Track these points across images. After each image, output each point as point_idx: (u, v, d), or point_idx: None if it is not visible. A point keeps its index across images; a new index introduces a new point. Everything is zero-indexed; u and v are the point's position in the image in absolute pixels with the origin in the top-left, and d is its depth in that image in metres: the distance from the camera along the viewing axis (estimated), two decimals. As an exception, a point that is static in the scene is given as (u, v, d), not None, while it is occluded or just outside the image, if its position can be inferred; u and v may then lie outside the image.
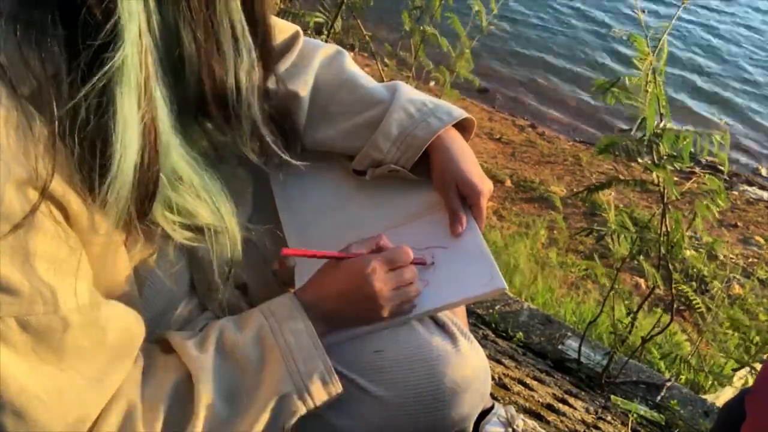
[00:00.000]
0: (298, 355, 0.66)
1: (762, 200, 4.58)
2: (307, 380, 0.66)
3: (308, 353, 0.67)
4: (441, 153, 0.87)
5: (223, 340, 0.68)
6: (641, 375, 1.85)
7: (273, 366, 0.66)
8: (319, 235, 0.90)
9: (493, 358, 1.71)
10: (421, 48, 2.31)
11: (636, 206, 3.88)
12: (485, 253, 0.81)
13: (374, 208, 0.91)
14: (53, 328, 0.52)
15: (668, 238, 1.48)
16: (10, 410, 0.51)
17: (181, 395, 0.63)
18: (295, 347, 0.67)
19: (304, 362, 0.66)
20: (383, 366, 0.74)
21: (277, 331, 0.68)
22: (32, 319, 0.50)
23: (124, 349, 0.61)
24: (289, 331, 0.68)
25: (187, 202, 0.63)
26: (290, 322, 0.69)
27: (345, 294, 0.73)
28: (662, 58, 1.30)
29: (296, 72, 0.91)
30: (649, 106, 1.28)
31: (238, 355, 0.66)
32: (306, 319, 0.69)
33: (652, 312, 2.63)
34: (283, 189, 0.95)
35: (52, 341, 0.52)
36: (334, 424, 0.73)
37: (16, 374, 0.51)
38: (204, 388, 0.62)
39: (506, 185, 4.21)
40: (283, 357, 0.66)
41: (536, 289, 2.67)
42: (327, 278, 0.75)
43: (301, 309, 0.70)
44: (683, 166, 1.33)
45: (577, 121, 5.48)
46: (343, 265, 0.74)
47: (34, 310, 0.50)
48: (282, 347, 0.67)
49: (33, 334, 0.51)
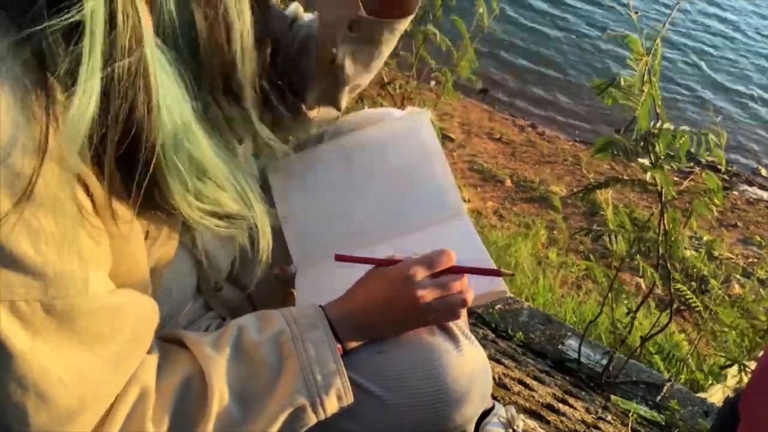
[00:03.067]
0: (316, 367, 0.66)
1: (762, 200, 4.58)
2: (323, 394, 0.66)
3: (327, 367, 0.67)
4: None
5: (241, 339, 0.67)
6: (641, 375, 1.85)
7: (290, 374, 0.65)
8: (319, 242, 0.90)
9: (493, 358, 1.71)
10: (423, 48, 2.31)
11: (635, 206, 3.88)
12: (485, 256, 0.83)
13: (378, 215, 0.91)
14: (76, 311, 0.53)
15: (667, 237, 1.48)
16: (34, 392, 0.52)
17: (193, 391, 0.63)
18: (314, 359, 0.67)
19: (322, 376, 0.66)
20: (385, 367, 0.74)
21: (298, 338, 0.67)
22: (57, 303, 0.51)
23: (140, 335, 0.61)
24: (310, 341, 0.67)
25: (213, 191, 0.63)
26: (312, 331, 0.68)
27: (386, 303, 0.72)
28: (657, 58, 1.30)
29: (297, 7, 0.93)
30: (642, 106, 1.28)
31: (256, 358, 0.66)
32: (329, 331, 0.69)
33: (653, 312, 2.63)
34: (282, 193, 0.95)
35: (75, 325, 0.53)
36: (336, 425, 0.73)
37: (40, 357, 0.51)
38: (218, 387, 0.63)
39: (506, 185, 4.21)
40: (302, 367, 0.66)
41: (536, 289, 2.67)
42: (364, 288, 0.74)
43: (324, 319, 0.70)
44: (680, 165, 1.33)
45: (577, 121, 5.47)
46: (384, 273, 0.73)
47: (59, 294, 0.51)
48: (301, 356, 0.66)
49: (57, 318, 0.52)
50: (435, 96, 3.28)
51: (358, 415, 0.73)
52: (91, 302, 0.54)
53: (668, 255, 1.51)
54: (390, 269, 0.74)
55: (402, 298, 0.72)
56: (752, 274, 3.15)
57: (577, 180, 4.42)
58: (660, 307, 2.70)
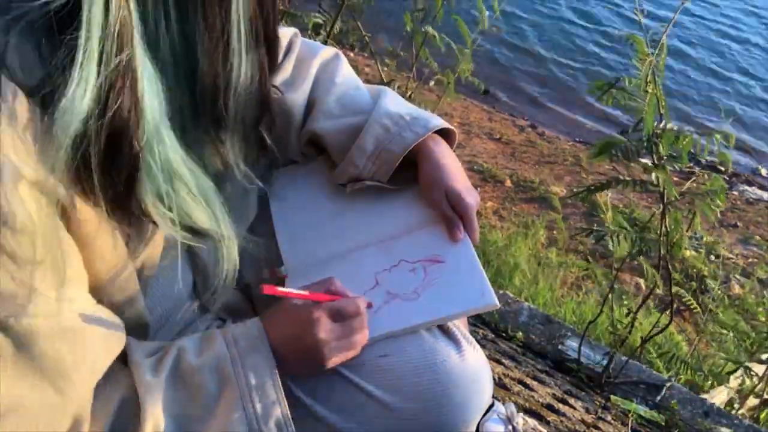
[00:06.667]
0: (256, 396, 0.64)
1: (762, 200, 4.58)
2: (262, 424, 0.64)
3: (267, 396, 0.65)
4: (427, 164, 0.86)
5: (180, 364, 0.66)
6: (641, 375, 1.85)
7: (229, 402, 0.64)
8: (313, 247, 0.90)
9: (493, 358, 1.71)
10: (423, 49, 2.31)
11: (636, 206, 3.88)
12: (477, 268, 0.82)
13: (368, 220, 0.91)
14: (34, 333, 0.52)
15: (668, 238, 1.48)
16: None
17: (126, 415, 0.61)
18: (254, 387, 0.65)
19: (262, 405, 0.64)
20: (388, 371, 0.74)
21: (238, 363, 0.66)
22: (12, 322, 0.50)
23: (98, 369, 0.60)
24: (250, 367, 0.66)
25: (183, 201, 0.63)
26: (253, 355, 0.66)
27: (289, 340, 0.70)
28: (662, 58, 1.30)
29: (293, 82, 0.92)
30: (648, 107, 1.28)
31: (194, 383, 0.64)
32: (269, 353, 0.67)
33: (652, 312, 2.63)
34: (277, 197, 0.95)
35: (33, 348, 0.52)
36: (340, 429, 0.73)
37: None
38: (151, 413, 0.61)
39: (506, 185, 4.21)
40: (241, 396, 0.64)
41: (536, 289, 2.67)
42: (277, 318, 0.72)
43: (265, 340, 0.68)
44: (682, 166, 1.33)
45: (578, 122, 5.48)
46: (292, 309, 0.72)
47: (15, 313, 0.50)
48: (240, 384, 0.65)
49: (13, 338, 0.51)
50: (435, 96, 3.28)
51: (362, 419, 0.73)
52: (48, 324, 0.52)
53: (669, 255, 1.51)
54: (297, 308, 0.72)
55: (304, 339, 0.70)
56: (752, 274, 3.16)
57: (577, 180, 4.43)
58: (660, 307, 2.70)
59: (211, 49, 0.60)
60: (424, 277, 0.82)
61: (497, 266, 2.86)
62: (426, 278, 0.82)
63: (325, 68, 0.96)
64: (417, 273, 0.83)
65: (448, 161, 0.87)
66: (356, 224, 0.91)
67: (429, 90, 3.95)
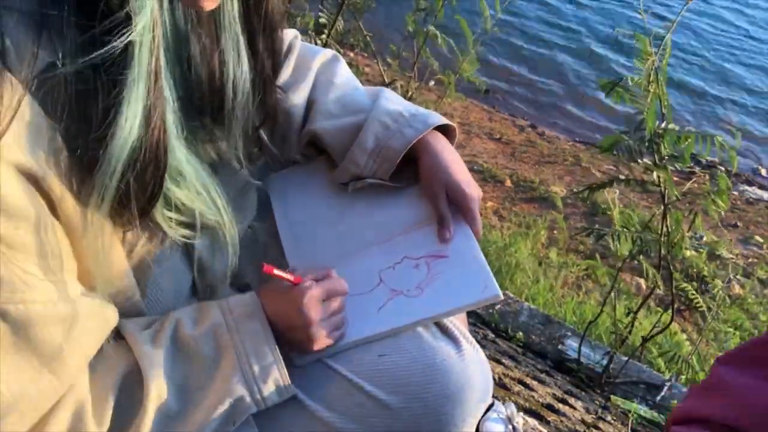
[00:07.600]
0: (253, 359, 0.67)
1: (762, 200, 4.58)
2: (261, 384, 0.67)
3: (264, 359, 0.67)
4: (427, 158, 0.87)
5: (178, 334, 0.68)
6: (641, 375, 1.85)
7: (227, 366, 0.66)
8: (315, 244, 0.90)
9: (493, 358, 1.71)
10: (424, 49, 2.31)
11: (636, 206, 3.88)
12: (480, 261, 0.82)
13: (371, 218, 0.91)
14: (31, 319, 0.53)
15: (669, 238, 1.48)
16: None
17: (129, 386, 0.63)
18: (251, 350, 0.67)
19: (259, 366, 0.67)
20: (388, 370, 0.74)
21: (234, 330, 0.68)
22: (11, 308, 0.51)
23: (91, 351, 0.62)
24: (246, 332, 0.68)
25: (185, 198, 0.64)
26: (248, 322, 0.69)
27: (281, 314, 0.72)
28: (665, 57, 1.30)
29: (294, 82, 0.92)
30: (651, 106, 1.28)
31: (192, 351, 0.67)
32: (264, 321, 0.69)
33: (653, 312, 2.63)
34: (280, 197, 0.95)
35: (30, 333, 0.53)
36: (339, 428, 0.73)
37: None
38: (154, 382, 0.63)
39: (506, 185, 4.21)
40: (238, 359, 0.66)
41: (537, 289, 2.67)
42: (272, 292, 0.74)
43: (260, 309, 0.70)
44: (683, 166, 1.33)
45: (577, 122, 5.48)
46: (286, 287, 0.74)
47: (12, 299, 0.51)
48: (237, 348, 0.67)
49: (11, 324, 0.52)
50: (436, 97, 3.28)
51: (362, 419, 0.73)
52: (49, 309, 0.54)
53: (670, 255, 1.51)
54: (293, 290, 0.73)
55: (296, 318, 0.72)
56: (752, 274, 3.16)
57: (578, 180, 4.42)
58: (660, 306, 2.70)
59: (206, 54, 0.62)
60: (428, 273, 0.83)
61: (498, 266, 2.86)
62: (429, 274, 0.82)
63: (324, 69, 0.96)
64: (420, 269, 0.83)
65: (448, 155, 0.87)
66: (359, 223, 0.91)
67: (429, 90, 3.95)
